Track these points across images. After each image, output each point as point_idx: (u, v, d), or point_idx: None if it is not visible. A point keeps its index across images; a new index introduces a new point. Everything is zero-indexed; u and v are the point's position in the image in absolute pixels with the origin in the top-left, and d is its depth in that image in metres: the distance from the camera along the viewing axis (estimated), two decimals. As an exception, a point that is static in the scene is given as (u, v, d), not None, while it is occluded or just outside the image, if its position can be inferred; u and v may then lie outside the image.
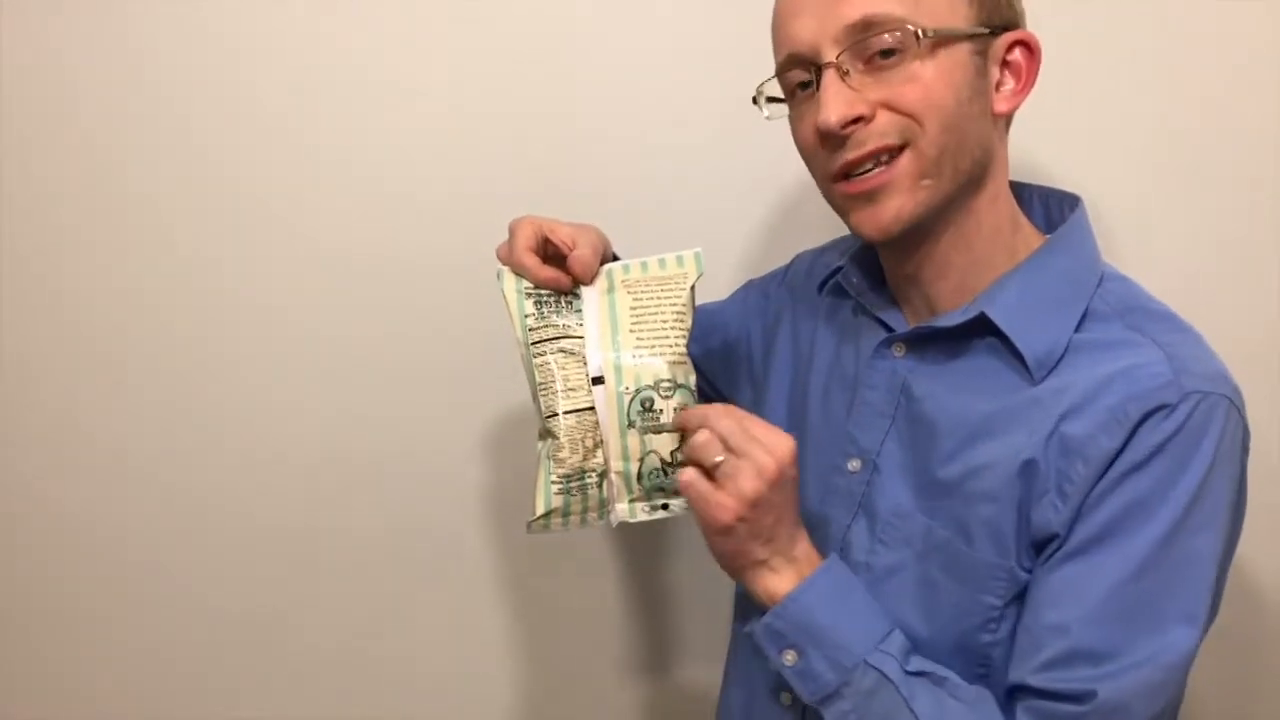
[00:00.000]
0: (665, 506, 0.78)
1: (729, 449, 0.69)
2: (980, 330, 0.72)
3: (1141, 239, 1.03)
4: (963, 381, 0.73)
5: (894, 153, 0.69)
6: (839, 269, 0.85)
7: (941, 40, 0.68)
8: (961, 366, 0.74)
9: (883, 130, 0.69)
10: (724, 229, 1.09)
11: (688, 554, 1.16)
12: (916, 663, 0.69)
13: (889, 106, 0.68)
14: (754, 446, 0.69)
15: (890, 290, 0.81)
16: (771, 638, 0.70)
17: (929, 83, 0.68)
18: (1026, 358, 0.70)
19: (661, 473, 0.76)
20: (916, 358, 0.76)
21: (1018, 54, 0.72)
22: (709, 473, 0.70)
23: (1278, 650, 1.13)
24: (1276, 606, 1.12)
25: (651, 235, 1.00)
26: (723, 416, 0.71)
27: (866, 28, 0.67)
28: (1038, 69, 0.72)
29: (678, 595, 1.18)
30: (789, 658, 0.69)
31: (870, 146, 0.69)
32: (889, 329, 0.79)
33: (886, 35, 0.67)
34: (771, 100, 0.77)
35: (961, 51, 0.69)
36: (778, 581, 0.71)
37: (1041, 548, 0.68)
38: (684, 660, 1.19)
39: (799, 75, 0.72)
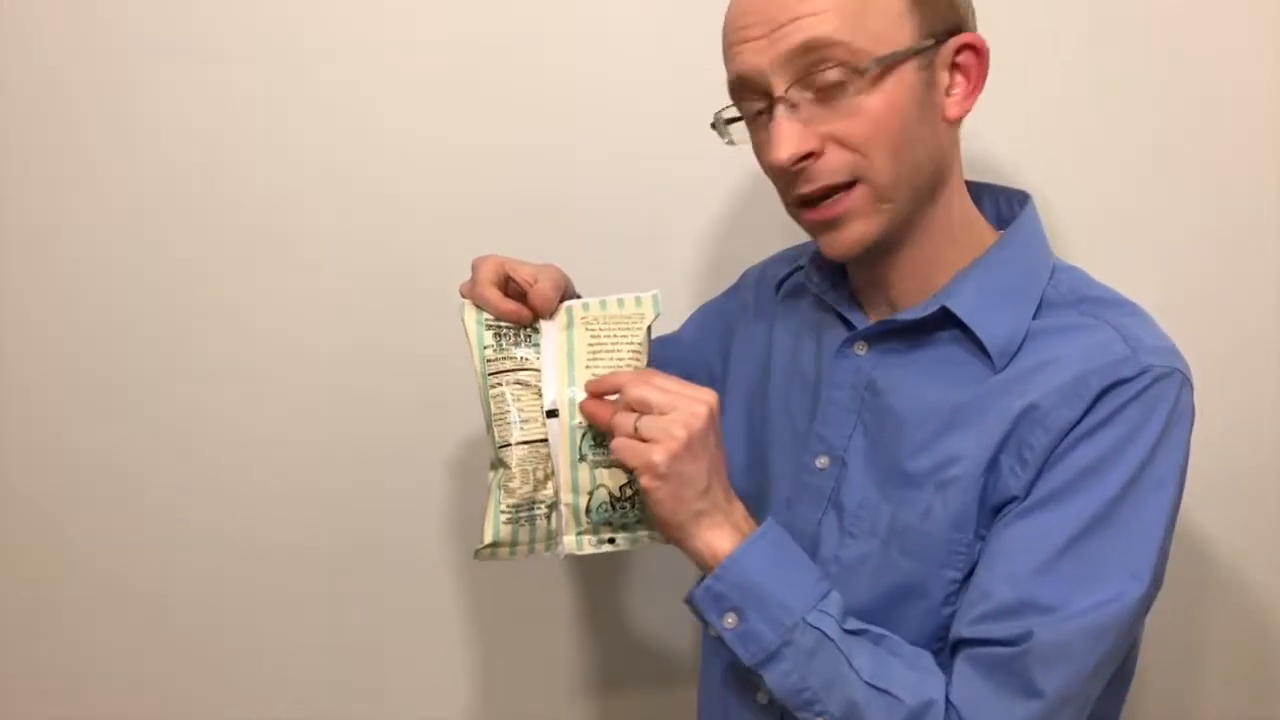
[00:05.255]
0: (612, 540, 0.80)
1: (650, 407, 0.70)
2: (942, 323, 0.74)
3: (1140, 239, 1.06)
4: (927, 374, 0.75)
5: (846, 188, 0.71)
6: (798, 269, 0.87)
7: (886, 67, 0.68)
8: (925, 359, 0.76)
9: (833, 168, 0.70)
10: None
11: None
12: (854, 622, 0.70)
13: (837, 141, 0.70)
14: (678, 400, 0.70)
15: (851, 288, 0.83)
16: (712, 600, 0.70)
17: (875, 115, 0.69)
18: (989, 347, 0.72)
19: (610, 507, 0.78)
20: (879, 353, 0.78)
21: (965, 57, 0.73)
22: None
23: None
24: (1277, 604, 1.14)
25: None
26: (638, 384, 0.71)
27: (809, 52, 0.68)
28: (986, 70, 0.73)
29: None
30: (729, 621, 0.70)
31: (821, 183, 0.71)
32: (850, 326, 0.81)
33: (830, 71, 0.68)
34: (730, 121, 0.78)
35: (907, 72, 0.69)
36: (718, 538, 0.71)
37: (998, 510, 0.70)
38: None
39: (754, 104, 0.73)
